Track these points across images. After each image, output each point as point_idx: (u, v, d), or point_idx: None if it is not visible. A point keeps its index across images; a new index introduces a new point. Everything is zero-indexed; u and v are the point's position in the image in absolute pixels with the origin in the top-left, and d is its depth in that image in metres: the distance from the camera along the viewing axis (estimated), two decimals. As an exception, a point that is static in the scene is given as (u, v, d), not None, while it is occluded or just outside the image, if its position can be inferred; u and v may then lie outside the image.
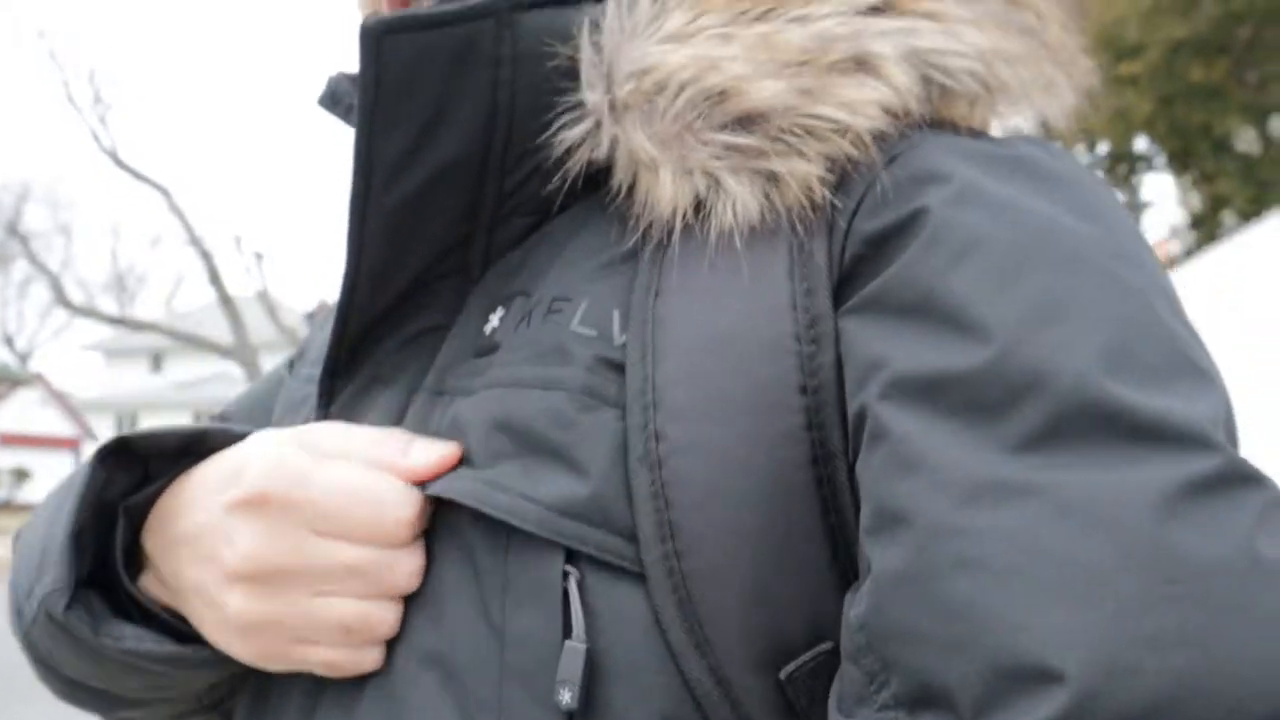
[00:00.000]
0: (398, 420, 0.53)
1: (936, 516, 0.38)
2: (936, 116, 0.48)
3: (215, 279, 15.17)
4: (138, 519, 0.57)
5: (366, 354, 0.55)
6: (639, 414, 0.45)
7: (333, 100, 0.59)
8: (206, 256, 15.28)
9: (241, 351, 14.99)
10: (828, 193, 0.46)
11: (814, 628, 0.44)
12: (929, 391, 0.40)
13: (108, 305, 24.37)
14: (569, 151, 0.50)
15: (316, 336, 0.69)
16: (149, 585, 0.57)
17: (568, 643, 0.43)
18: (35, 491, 22.86)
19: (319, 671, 0.51)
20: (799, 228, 0.46)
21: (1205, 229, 10.27)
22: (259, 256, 16.94)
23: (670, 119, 0.47)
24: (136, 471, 0.57)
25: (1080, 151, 12.01)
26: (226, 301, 15.08)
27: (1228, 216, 9.85)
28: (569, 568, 0.45)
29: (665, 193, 0.48)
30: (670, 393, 0.45)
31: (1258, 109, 9.26)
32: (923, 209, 0.43)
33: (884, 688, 0.38)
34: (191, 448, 0.56)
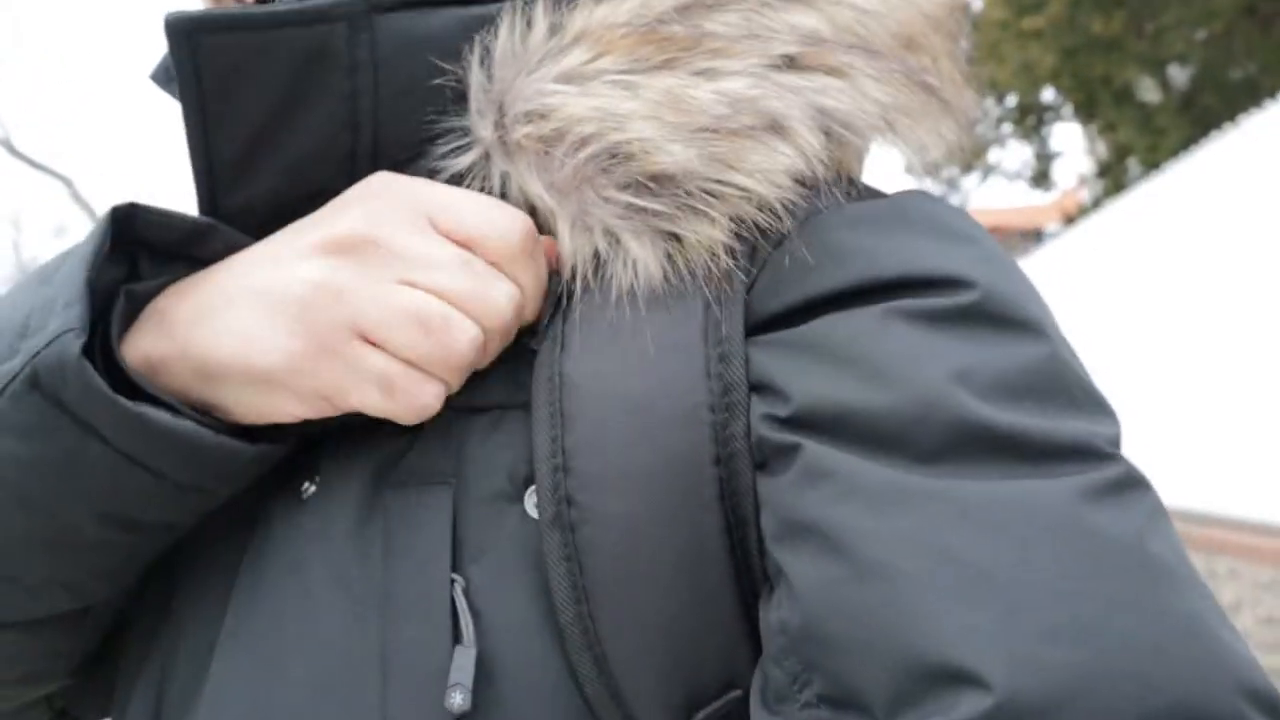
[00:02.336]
0: None
1: (843, 523, 0.39)
2: (834, 169, 0.48)
3: (127, 269, 14.67)
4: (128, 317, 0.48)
5: None
6: (548, 476, 0.44)
7: (167, 76, 0.54)
8: (116, 247, 14.75)
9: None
10: (733, 260, 0.46)
11: (726, 678, 0.45)
12: (833, 421, 0.42)
13: (15, 301, 23.41)
14: (459, 176, 0.49)
15: None
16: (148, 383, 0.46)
17: (458, 647, 0.44)
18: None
19: (368, 401, 0.45)
20: (712, 291, 0.46)
21: (1111, 177, 10.53)
22: (171, 244, 16.34)
23: (569, 171, 0.46)
24: (122, 267, 0.48)
25: (989, 105, 12.19)
26: (140, 292, 14.58)
27: (1132, 165, 10.12)
28: (455, 575, 0.45)
29: (564, 246, 0.47)
30: (581, 460, 0.44)
31: (1154, 59, 9.50)
32: (827, 291, 0.44)
33: (806, 687, 0.40)
34: (194, 243, 0.49)
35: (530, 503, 0.46)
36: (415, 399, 0.45)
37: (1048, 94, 11.57)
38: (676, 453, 0.44)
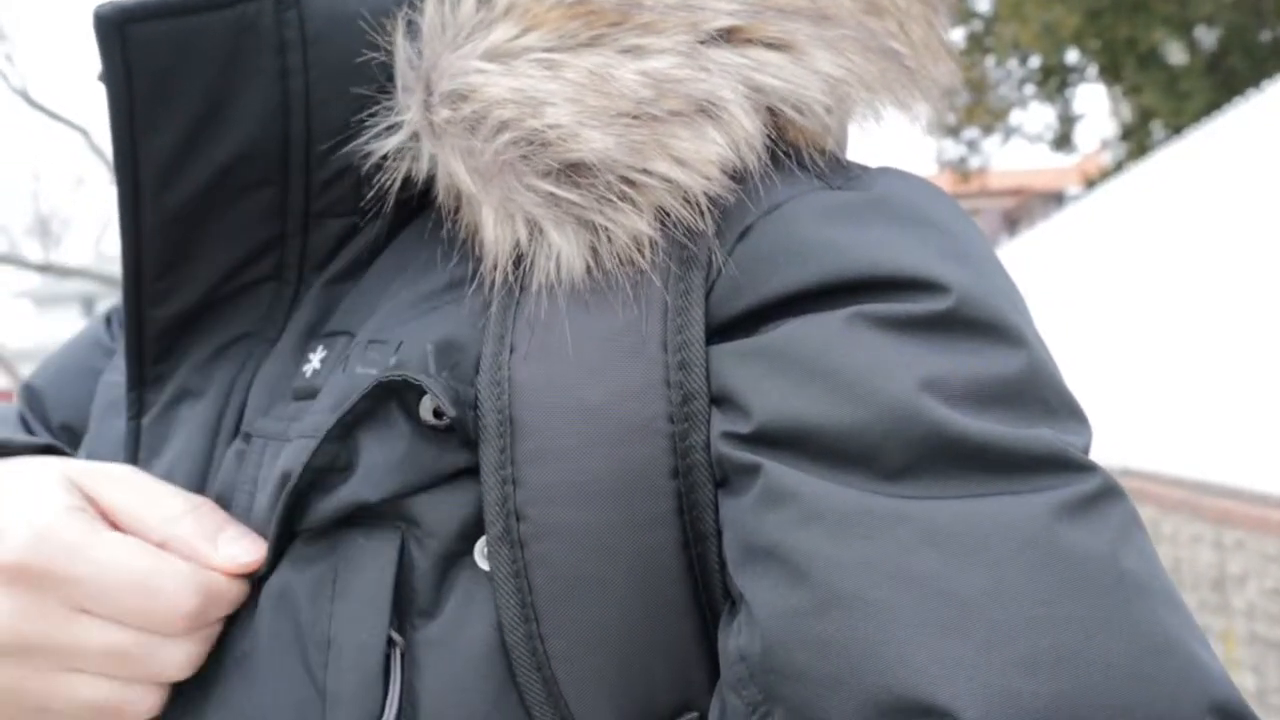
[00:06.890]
0: (211, 438, 0.50)
1: (806, 549, 0.37)
2: (785, 142, 0.46)
3: (143, 221, 14.74)
4: None
5: (176, 362, 0.52)
6: (496, 489, 0.42)
7: None
8: (132, 198, 14.82)
9: (175, 295, 14.61)
10: (669, 256, 0.43)
11: (681, 699, 0.43)
12: (795, 440, 0.40)
13: (33, 251, 23.58)
14: (386, 157, 0.47)
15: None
16: None
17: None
18: (-29, 445, 22.30)
19: None
20: (669, 293, 0.43)
21: (1135, 140, 10.39)
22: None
23: (490, 155, 0.44)
24: None
25: (1012, 65, 12.01)
26: (156, 244, 14.65)
27: (1156, 128, 9.97)
28: (394, 634, 0.43)
29: (488, 235, 0.45)
30: (531, 471, 0.42)
31: (1181, 21, 9.33)
32: (790, 291, 0.42)
33: (766, 718, 0.38)
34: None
35: (480, 554, 0.44)
36: None
37: (1071, 55, 11.38)
38: (633, 464, 0.42)
